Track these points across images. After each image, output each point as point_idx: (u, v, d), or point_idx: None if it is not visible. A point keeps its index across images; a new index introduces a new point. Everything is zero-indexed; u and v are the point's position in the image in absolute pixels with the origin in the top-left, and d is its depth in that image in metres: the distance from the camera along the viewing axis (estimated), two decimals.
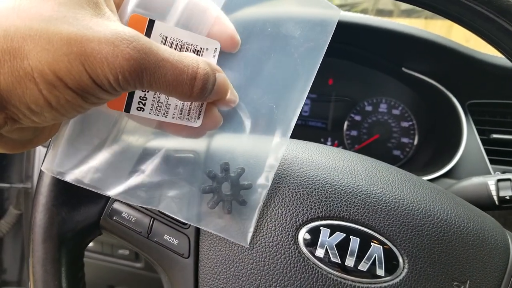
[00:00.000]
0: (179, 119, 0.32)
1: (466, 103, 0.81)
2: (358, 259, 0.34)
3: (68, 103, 0.24)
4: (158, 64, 0.25)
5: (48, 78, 0.23)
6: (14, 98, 0.23)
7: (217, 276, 0.35)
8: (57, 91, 0.23)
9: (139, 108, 0.31)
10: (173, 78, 0.26)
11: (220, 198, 0.34)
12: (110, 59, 0.23)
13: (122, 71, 0.24)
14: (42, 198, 0.35)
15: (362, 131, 0.95)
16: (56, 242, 0.35)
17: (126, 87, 0.25)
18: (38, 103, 0.24)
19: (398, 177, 0.39)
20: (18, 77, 0.23)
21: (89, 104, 0.26)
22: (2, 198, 1.13)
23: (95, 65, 0.23)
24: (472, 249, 0.35)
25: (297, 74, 0.34)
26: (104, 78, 0.24)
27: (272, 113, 0.34)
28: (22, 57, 0.23)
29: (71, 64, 0.23)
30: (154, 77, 0.25)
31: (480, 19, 0.35)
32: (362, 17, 0.81)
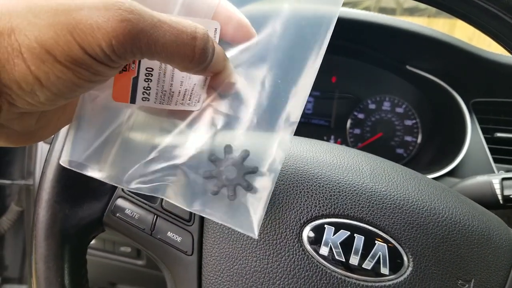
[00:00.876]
0: (181, 105, 0.31)
1: (471, 102, 0.81)
2: (363, 258, 0.33)
3: (59, 80, 0.23)
4: (155, 24, 0.24)
5: (35, 52, 0.22)
6: (4, 76, 0.22)
7: (220, 274, 0.35)
8: (45, 66, 0.22)
9: (144, 98, 0.30)
10: (173, 39, 0.24)
11: (222, 183, 0.31)
12: (102, 24, 0.22)
13: (116, 34, 0.22)
14: (45, 194, 0.35)
15: (365, 129, 0.94)
16: (59, 238, 0.35)
17: (123, 54, 0.23)
18: (27, 81, 0.22)
19: (403, 175, 0.38)
20: (5, 54, 0.22)
21: (83, 81, 0.24)
22: (3, 195, 1.13)
23: (85, 32, 0.22)
24: (477, 248, 0.35)
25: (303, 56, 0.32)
26: (97, 46, 0.22)
27: (279, 92, 0.32)
28: (9, 33, 0.22)
29: (58, 35, 0.22)
30: (153, 38, 0.23)
31: (487, 17, 0.35)
32: (366, 14, 0.80)
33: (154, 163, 0.32)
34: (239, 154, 0.32)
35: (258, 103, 0.32)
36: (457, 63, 0.80)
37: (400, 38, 0.80)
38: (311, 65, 0.32)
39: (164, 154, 0.32)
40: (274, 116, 0.32)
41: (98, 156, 0.31)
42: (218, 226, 0.35)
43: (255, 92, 0.32)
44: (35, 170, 0.87)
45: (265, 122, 0.32)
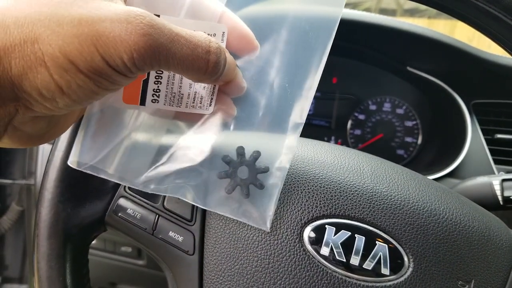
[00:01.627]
0: (192, 108, 0.32)
1: (471, 103, 0.81)
2: (363, 258, 0.34)
3: (80, 88, 0.24)
4: (173, 38, 0.24)
5: (59, 62, 0.22)
6: (26, 83, 0.23)
7: (221, 273, 0.35)
8: (68, 76, 0.23)
9: (153, 100, 0.31)
10: (189, 52, 0.25)
11: (236, 182, 0.33)
12: (124, 37, 0.22)
13: (138, 48, 0.23)
14: (47, 194, 0.35)
15: (366, 130, 0.95)
16: (61, 238, 0.35)
17: (142, 66, 0.24)
18: (49, 88, 0.23)
19: (403, 176, 0.38)
20: (29, 61, 0.22)
21: (102, 89, 0.25)
22: (4, 195, 1.13)
23: (108, 44, 0.22)
24: (477, 249, 0.35)
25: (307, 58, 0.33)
26: (118, 58, 0.23)
27: (286, 95, 0.33)
28: (33, 41, 0.22)
29: (82, 46, 0.22)
30: (171, 52, 0.24)
31: (487, 18, 0.35)
32: (367, 15, 0.80)
33: (170, 164, 0.33)
34: (250, 155, 0.33)
35: (266, 106, 0.34)
36: (458, 64, 0.80)
37: (401, 39, 0.80)
38: (315, 68, 0.33)
39: (179, 155, 0.34)
40: (282, 118, 0.34)
41: (108, 158, 0.32)
42: (219, 226, 0.36)
43: (264, 95, 0.34)
44: (36, 170, 0.87)
45: (273, 124, 0.34)
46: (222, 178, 0.33)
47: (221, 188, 0.34)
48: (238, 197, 0.34)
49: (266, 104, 0.34)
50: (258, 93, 0.34)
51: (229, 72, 0.29)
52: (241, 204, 0.34)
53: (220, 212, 0.34)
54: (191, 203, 0.34)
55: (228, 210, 0.34)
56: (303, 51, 0.33)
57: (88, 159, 0.32)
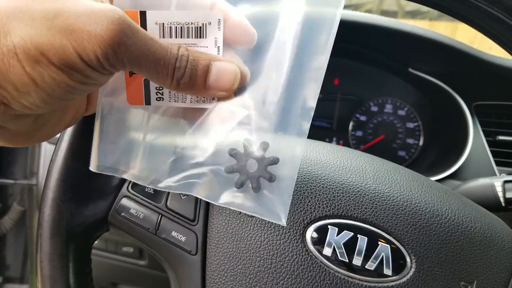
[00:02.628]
0: (197, 103, 0.32)
1: (473, 105, 0.81)
2: (366, 258, 0.34)
3: (53, 81, 0.23)
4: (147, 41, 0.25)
5: (31, 53, 0.22)
6: (0, 78, 0.23)
7: (224, 273, 0.35)
8: (40, 68, 0.23)
9: (158, 98, 0.31)
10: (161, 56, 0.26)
11: (245, 176, 0.32)
12: (99, 32, 0.22)
13: (112, 43, 0.23)
14: (50, 193, 0.35)
15: (367, 131, 0.95)
16: (64, 237, 0.35)
17: (115, 63, 0.24)
18: (23, 81, 0.23)
19: (406, 177, 0.39)
20: (1, 54, 0.22)
21: (77, 83, 0.24)
22: (6, 195, 1.13)
23: (82, 38, 0.22)
24: (480, 250, 0.35)
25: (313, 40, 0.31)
26: (92, 52, 0.23)
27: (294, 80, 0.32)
28: (5, 34, 0.22)
29: (55, 38, 0.22)
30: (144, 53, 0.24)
31: (489, 19, 0.35)
32: (368, 17, 0.81)
33: (179, 162, 0.33)
34: (258, 146, 0.32)
35: (272, 94, 0.32)
36: (460, 66, 0.80)
37: (403, 41, 0.81)
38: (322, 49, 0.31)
39: (187, 153, 0.33)
40: (290, 105, 0.32)
41: (124, 159, 0.32)
42: (222, 226, 0.36)
43: (268, 84, 0.32)
44: (38, 170, 0.87)
45: (281, 113, 0.32)
46: (230, 172, 0.32)
47: (231, 183, 0.32)
48: (250, 192, 0.32)
49: (272, 92, 0.32)
50: (262, 83, 0.32)
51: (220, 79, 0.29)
52: (253, 199, 0.32)
53: (232, 208, 0.33)
54: (204, 199, 0.33)
55: (240, 206, 0.32)
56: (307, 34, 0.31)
57: (107, 162, 0.32)
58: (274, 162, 0.32)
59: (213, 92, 0.30)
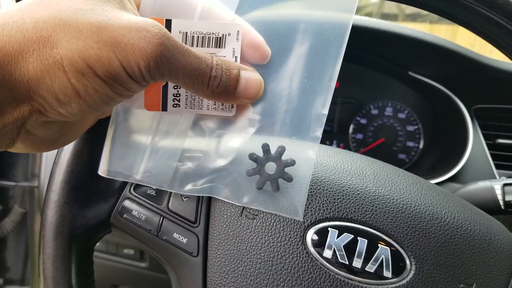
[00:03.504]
0: (214, 110, 0.33)
1: (473, 108, 0.81)
2: (366, 261, 0.34)
3: (96, 93, 0.24)
4: (184, 52, 0.26)
5: (78, 66, 0.23)
6: (43, 87, 0.23)
7: (225, 275, 0.35)
8: (85, 80, 0.23)
9: (174, 105, 0.32)
10: (196, 66, 0.26)
11: (265, 178, 0.34)
12: (143, 45, 0.23)
13: (154, 56, 0.24)
14: (53, 195, 0.35)
15: (367, 134, 0.95)
16: (67, 239, 0.35)
17: (155, 75, 0.25)
18: (66, 93, 0.23)
19: (405, 179, 0.39)
20: (47, 65, 0.23)
21: (116, 95, 0.25)
22: (7, 197, 1.13)
23: (127, 51, 0.23)
24: (479, 252, 0.35)
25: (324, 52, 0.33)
26: (135, 65, 0.23)
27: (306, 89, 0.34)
28: (52, 46, 0.22)
29: (101, 51, 0.23)
30: (181, 64, 0.25)
31: (489, 24, 0.36)
32: (369, 20, 0.81)
33: (201, 167, 0.35)
34: (275, 150, 0.34)
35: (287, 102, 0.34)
36: (460, 69, 0.80)
37: (403, 44, 0.81)
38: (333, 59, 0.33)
39: (208, 157, 0.35)
40: (304, 113, 0.34)
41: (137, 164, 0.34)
42: (223, 228, 0.36)
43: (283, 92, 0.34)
44: (40, 172, 0.87)
45: (295, 119, 0.34)
46: (251, 175, 0.34)
47: (252, 184, 0.35)
48: (270, 192, 0.35)
49: (287, 100, 0.34)
50: (277, 91, 0.34)
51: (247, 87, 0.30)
52: (272, 198, 0.35)
53: (254, 207, 0.35)
54: (226, 200, 0.35)
55: (261, 205, 0.35)
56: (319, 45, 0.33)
57: (117, 167, 0.33)
58: (291, 164, 0.34)
59: (241, 100, 0.31)
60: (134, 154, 0.34)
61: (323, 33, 0.33)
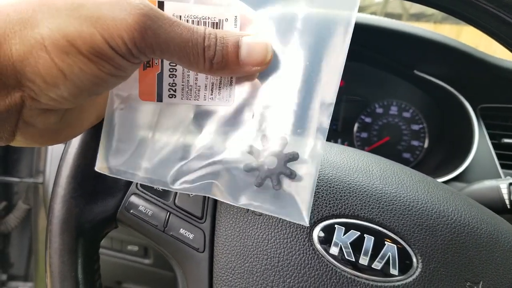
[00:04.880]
0: (211, 100, 0.31)
1: (478, 107, 0.81)
2: (372, 258, 0.34)
3: (82, 72, 0.24)
4: (172, 23, 0.25)
5: (59, 44, 0.22)
6: (28, 69, 0.23)
7: (231, 271, 0.35)
8: (69, 59, 0.23)
9: (170, 95, 0.31)
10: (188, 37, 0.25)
11: (265, 174, 0.31)
12: (124, 16, 0.23)
13: (138, 27, 0.23)
14: (60, 190, 0.35)
15: (372, 133, 0.95)
16: (74, 233, 0.35)
17: (143, 48, 0.24)
18: (51, 73, 0.23)
19: (412, 177, 0.39)
20: (29, 46, 0.22)
21: (105, 74, 0.24)
22: (11, 193, 1.14)
23: (108, 24, 0.23)
24: (486, 251, 0.35)
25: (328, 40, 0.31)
26: (119, 37, 0.23)
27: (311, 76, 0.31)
28: (32, 26, 0.22)
29: (82, 27, 0.22)
30: (170, 35, 0.24)
31: (497, 22, 0.35)
32: (374, 19, 0.81)
33: (195, 162, 0.32)
34: (276, 142, 0.31)
35: (290, 91, 0.31)
36: (465, 68, 0.80)
37: (409, 43, 0.81)
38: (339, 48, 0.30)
39: (203, 152, 0.32)
40: (308, 102, 0.31)
41: (135, 160, 0.32)
42: (229, 224, 0.36)
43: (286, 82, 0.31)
44: (45, 168, 0.87)
45: (299, 108, 0.31)
46: (249, 170, 0.31)
47: (251, 181, 0.32)
48: (271, 191, 0.31)
49: (291, 91, 0.31)
50: (281, 82, 0.32)
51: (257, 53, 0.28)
52: (274, 197, 0.31)
53: (252, 209, 0.32)
54: (223, 201, 0.32)
55: (261, 206, 0.31)
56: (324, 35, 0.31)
57: (115, 163, 0.32)
58: (294, 157, 0.31)
59: (248, 68, 0.29)
60: (131, 150, 0.32)
61: (328, 23, 0.30)
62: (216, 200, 0.37)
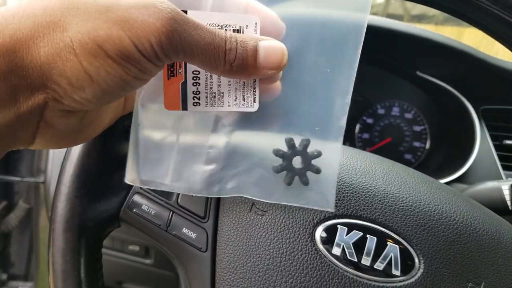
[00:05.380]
0: (236, 106, 0.32)
1: (480, 108, 0.81)
2: (374, 258, 0.34)
3: (109, 76, 0.24)
4: (196, 26, 0.25)
5: (88, 47, 0.23)
6: (55, 72, 0.23)
7: (234, 271, 0.35)
8: (97, 62, 0.23)
9: (195, 103, 0.31)
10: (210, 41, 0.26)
11: (294, 173, 0.34)
12: (152, 20, 0.23)
13: (165, 31, 0.23)
14: (64, 189, 0.36)
15: (374, 134, 0.95)
16: (77, 232, 0.36)
17: (169, 51, 0.24)
18: (79, 77, 0.23)
19: (415, 178, 0.39)
20: (58, 49, 0.23)
21: (131, 77, 0.25)
22: (12, 192, 1.14)
23: (136, 28, 0.23)
24: (487, 252, 0.35)
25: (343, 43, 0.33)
26: (146, 41, 0.23)
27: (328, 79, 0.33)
28: (62, 29, 0.23)
29: (111, 30, 0.23)
30: (195, 39, 0.25)
31: (501, 24, 0.35)
32: (377, 19, 0.81)
33: (224, 166, 0.34)
34: (299, 143, 0.34)
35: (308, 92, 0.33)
36: (468, 69, 0.80)
37: (411, 44, 0.81)
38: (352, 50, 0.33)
39: (233, 156, 0.34)
40: (325, 102, 0.33)
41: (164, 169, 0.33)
42: (232, 224, 0.36)
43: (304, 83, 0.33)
44: (47, 168, 0.87)
45: (319, 108, 0.34)
46: (279, 171, 0.34)
47: (279, 180, 0.34)
48: (298, 186, 0.34)
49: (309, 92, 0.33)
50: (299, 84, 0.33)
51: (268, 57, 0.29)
52: (302, 192, 0.34)
53: (284, 203, 0.35)
54: (257, 199, 0.35)
55: (292, 200, 0.35)
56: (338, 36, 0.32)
57: (145, 174, 0.33)
58: (317, 155, 0.34)
59: (264, 72, 0.29)
60: (161, 159, 0.33)
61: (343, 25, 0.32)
62: (219, 200, 0.37)
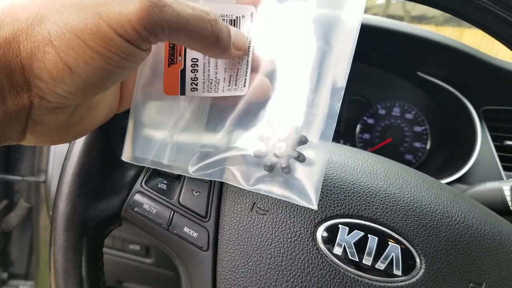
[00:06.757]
0: (228, 91, 0.33)
1: (481, 109, 0.81)
2: (376, 258, 0.34)
3: (88, 66, 0.23)
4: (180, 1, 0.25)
5: (65, 38, 0.22)
6: (35, 65, 0.23)
7: (235, 270, 0.35)
8: (75, 52, 0.23)
9: (192, 88, 0.32)
10: (194, 14, 0.25)
11: (274, 158, 0.32)
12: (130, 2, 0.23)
13: (146, 7, 0.23)
14: (65, 187, 0.36)
15: (374, 134, 0.95)
16: (78, 231, 0.36)
17: (153, 29, 0.24)
18: (57, 68, 0.23)
19: (416, 178, 0.39)
20: (36, 42, 0.23)
21: (113, 67, 0.24)
22: (12, 191, 1.14)
23: (114, 11, 0.22)
24: (489, 252, 0.35)
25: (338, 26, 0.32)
26: (126, 22, 0.23)
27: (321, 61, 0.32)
28: (39, 22, 0.23)
29: (87, 18, 0.22)
30: (177, 11, 0.24)
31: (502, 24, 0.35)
32: (378, 20, 0.81)
33: (211, 150, 0.34)
34: (287, 128, 0.32)
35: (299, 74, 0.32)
36: (469, 70, 0.80)
37: (412, 44, 0.81)
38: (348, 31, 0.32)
39: (218, 140, 0.34)
40: (318, 86, 0.32)
41: (160, 150, 0.34)
42: (233, 223, 0.36)
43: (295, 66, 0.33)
44: (47, 167, 0.87)
45: (309, 93, 0.32)
46: (260, 156, 0.32)
47: (261, 167, 0.33)
48: (280, 175, 0.32)
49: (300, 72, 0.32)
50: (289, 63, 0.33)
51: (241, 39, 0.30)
52: (284, 181, 0.32)
53: (263, 193, 0.33)
54: (235, 185, 0.33)
55: (271, 189, 0.32)
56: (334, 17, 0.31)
57: (141, 153, 0.34)
58: (302, 141, 0.31)
59: (235, 52, 0.30)
60: (158, 140, 0.34)
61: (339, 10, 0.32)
62: (220, 199, 0.37)
